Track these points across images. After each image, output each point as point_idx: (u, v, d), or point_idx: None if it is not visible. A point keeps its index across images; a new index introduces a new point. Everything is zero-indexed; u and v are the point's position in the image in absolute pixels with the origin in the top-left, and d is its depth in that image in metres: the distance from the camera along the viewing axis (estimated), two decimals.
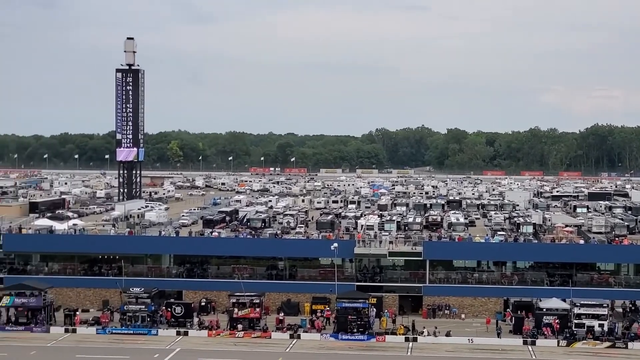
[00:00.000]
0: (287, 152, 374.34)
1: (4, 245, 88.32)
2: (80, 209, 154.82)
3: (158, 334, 75.90)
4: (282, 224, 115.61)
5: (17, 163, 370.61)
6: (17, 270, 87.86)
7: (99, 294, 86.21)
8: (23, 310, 77.57)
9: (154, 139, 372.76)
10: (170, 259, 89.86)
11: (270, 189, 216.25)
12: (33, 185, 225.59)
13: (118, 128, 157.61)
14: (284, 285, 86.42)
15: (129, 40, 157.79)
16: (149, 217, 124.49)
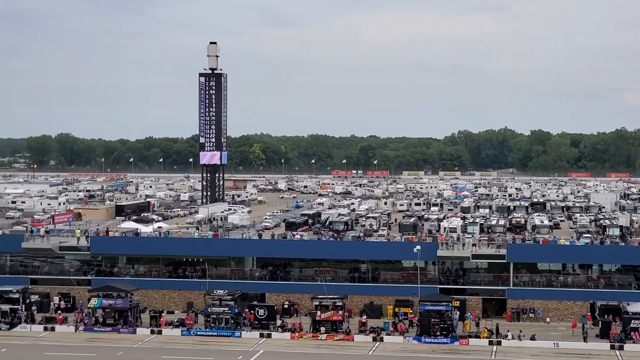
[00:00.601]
0: (370, 155, 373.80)
1: (91, 247, 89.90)
2: (165, 211, 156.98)
3: (241, 336, 76.37)
4: (364, 227, 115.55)
5: (104, 167, 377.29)
6: (104, 272, 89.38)
7: (184, 296, 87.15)
8: (110, 312, 78.82)
9: (236, 142, 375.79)
10: (253, 262, 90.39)
11: (352, 192, 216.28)
12: (119, 189, 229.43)
13: (201, 132, 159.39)
14: (367, 288, 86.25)
15: (212, 45, 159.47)
16: (232, 220, 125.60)
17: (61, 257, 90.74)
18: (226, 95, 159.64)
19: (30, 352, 70.03)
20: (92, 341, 74.76)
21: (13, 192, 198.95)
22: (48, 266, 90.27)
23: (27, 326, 78.80)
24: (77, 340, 74.86)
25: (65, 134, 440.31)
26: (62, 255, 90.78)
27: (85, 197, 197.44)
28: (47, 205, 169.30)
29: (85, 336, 76.58)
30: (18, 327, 78.56)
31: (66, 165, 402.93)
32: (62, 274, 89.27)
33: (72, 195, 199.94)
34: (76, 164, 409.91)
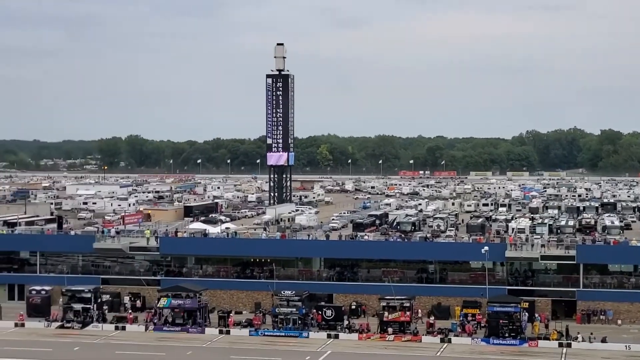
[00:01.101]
0: (437, 155, 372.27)
1: (160, 248, 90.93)
2: (233, 212, 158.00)
3: (309, 337, 76.56)
4: (432, 227, 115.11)
5: (173, 168, 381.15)
6: (174, 273, 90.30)
7: (252, 296, 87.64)
8: (179, 312, 79.60)
9: (303, 143, 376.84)
10: (320, 262, 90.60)
11: (419, 192, 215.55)
12: (187, 190, 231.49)
13: (269, 133, 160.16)
14: (434, 289, 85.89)
15: (279, 46, 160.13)
16: (300, 221, 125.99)
17: (131, 258, 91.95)
18: (293, 97, 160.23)
19: (102, 350, 71.09)
20: (161, 340, 75.62)
21: (85, 194, 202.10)
22: (118, 266, 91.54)
23: (98, 325, 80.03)
24: (147, 340, 75.79)
25: (135, 136, 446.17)
26: (132, 255, 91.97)
27: (154, 198, 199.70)
28: (117, 206, 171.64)
29: (155, 335, 77.49)
30: (90, 326, 79.83)
31: (136, 167, 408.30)
32: (132, 274, 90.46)
33: (141, 196, 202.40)
34: (145, 166, 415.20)
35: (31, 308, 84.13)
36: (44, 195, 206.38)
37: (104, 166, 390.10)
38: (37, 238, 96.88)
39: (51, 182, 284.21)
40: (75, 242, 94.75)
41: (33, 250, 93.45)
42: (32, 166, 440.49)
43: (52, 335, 77.41)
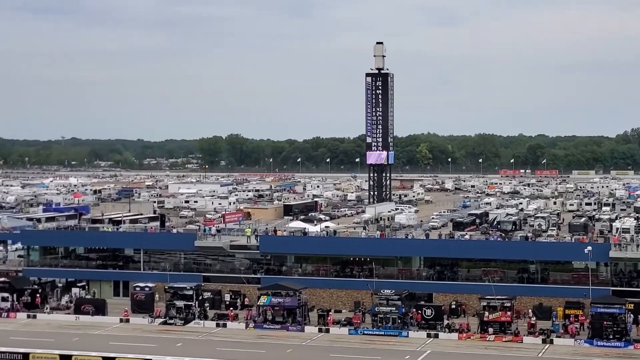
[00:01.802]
0: (538, 154, 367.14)
1: (260, 246, 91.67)
2: (332, 211, 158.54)
3: (408, 336, 76.28)
4: (533, 227, 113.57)
5: (272, 167, 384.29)
6: (273, 271, 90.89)
7: (351, 295, 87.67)
8: (279, 310, 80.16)
9: (403, 141, 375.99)
10: (420, 262, 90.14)
11: (520, 191, 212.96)
12: (287, 189, 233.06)
13: (368, 131, 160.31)
14: (536, 289, 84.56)
15: (378, 45, 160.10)
16: (399, 220, 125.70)
17: (232, 256, 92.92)
18: (393, 95, 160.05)
19: (204, 347, 72.05)
20: (261, 338, 76.26)
21: (186, 192, 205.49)
22: (219, 264, 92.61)
23: (200, 322, 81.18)
24: (248, 337, 76.52)
25: (235, 135, 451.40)
26: (233, 253, 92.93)
27: (254, 197, 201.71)
28: (218, 204, 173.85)
29: (255, 333, 78.22)
30: (192, 323, 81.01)
31: (236, 166, 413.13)
32: (233, 272, 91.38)
33: (241, 195, 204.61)
34: (245, 164, 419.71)
35: (135, 304, 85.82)
36: (147, 193, 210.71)
37: (204, 165, 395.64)
38: (141, 236, 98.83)
39: (154, 181, 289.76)
40: (177, 240, 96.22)
41: (137, 247, 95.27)
42: (136, 165, 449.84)
43: (156, 331, 78.88)
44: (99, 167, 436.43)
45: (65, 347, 69.80)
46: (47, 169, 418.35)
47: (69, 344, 71.68)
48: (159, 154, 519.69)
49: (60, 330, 79.25)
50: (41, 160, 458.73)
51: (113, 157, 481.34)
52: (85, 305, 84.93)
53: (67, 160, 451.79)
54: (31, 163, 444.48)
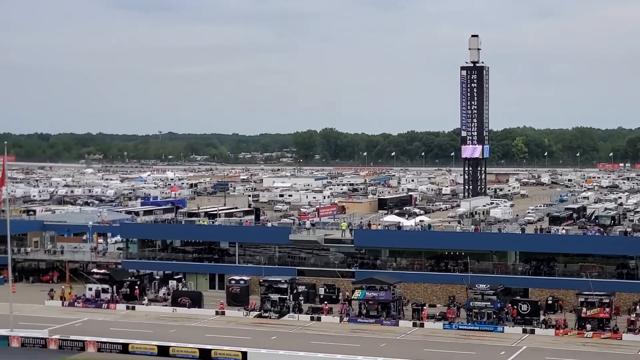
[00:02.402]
0: (638, 147, 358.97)
1: (355, 240, 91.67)
2: (427, 205, 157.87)
3: (504, 331, 75.42)
4: (632, 222, 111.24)
5: (367, 161, 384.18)
6: (368, 265, 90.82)
7: (445, 289, 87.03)
8: (373, 304, 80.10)
9: (498, 135, 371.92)
10: (516, 256, 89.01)
11: (619, 186, 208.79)
12: (381, 182, 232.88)
13: (463, 125, 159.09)
14: (636, 285, 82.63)
15: (473, 38, 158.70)
16: (494, 214, 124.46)
17: (326, 249, 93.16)
18: (488, 89, 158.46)
19: (298, 340, 72.42)
20: (355, 332, 76.33)
21: (281, 186, 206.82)
22: (314, 258, 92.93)
23: (294, 315, 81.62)
24: (342, 331, 76.67)
25: (330, 129, 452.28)
26: (327, 247, 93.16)
27: (348, 191, 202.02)
28: (312, 198, 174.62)
29: (349, 327, 78.31)
30: (286, 316, 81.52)
31: (330, 160, 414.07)
32: (327, 266, 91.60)
33: (336, 188, 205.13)
34: (340, 158, 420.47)
35: (231, 297, 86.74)
36: (242, 187, 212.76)
37: (299, 159, 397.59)
38: (236, 229, 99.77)
39: (249, 174, 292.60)
40: (272, 234, 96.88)
41: (232, 241, 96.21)
42: (232, 159, 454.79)
43: (251, 324, 79.60)
44: (195, 161, 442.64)
45: (163, 338, 70.96)
46: (145, 163, 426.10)
47: (166, 336, 72.86)
48: (254, 148, 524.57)
49: (158, 321, 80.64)
50: (139, 154, 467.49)
51: (209, 151, 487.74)
52: (182, 298, 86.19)
53: (165, 154, 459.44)
54: (130, 157, 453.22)
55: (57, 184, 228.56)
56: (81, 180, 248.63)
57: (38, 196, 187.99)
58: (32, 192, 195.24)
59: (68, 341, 69.67)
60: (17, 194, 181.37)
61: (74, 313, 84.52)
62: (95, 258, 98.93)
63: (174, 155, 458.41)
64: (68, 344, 69.33)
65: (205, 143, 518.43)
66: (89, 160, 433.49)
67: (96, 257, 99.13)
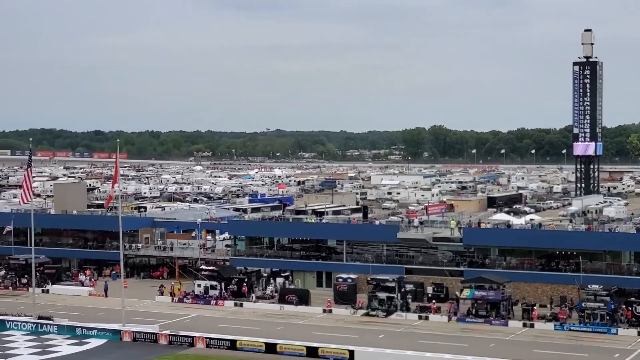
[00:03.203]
0: None
1: (464, 238, 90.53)
2: (537, 203, 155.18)
3: (617, 333, 73.34)
4: None
5: (476, 158, 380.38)
6: (476, 264, 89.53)
7: (556, 289, 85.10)
8: (482, 303, 78.92)
9: (612, 132, 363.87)
10: (630, 256, 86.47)
11: None
12: (491, 181, 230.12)
13: (575, 122, 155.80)
14: None
15: (587, 32, 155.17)
16: (607, 213, 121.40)
17: (434, 248, 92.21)
18: (601, 84, 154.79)
19: (406, 339, 71.77)
20: (464, 331, 75.31)
21: (389, 184, 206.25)
22: (422, 256, 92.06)
23: (402, 314, 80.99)
24: (450, 330, 75.74)
25: (439, 126, 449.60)
26: (436, 245, 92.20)
27: (457, 189, 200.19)
28: (420, 196, 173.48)
29: (457, 326, 77.31)
30: (394, 315, 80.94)
31: (439, 157, 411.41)
32: (436, 265, 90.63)
33: (444, 186, 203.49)
34: (449, 156, 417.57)
35: (338, 295, 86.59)
36: (349, 185, 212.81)
37: (406, 156, 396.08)
38: (344, 227, 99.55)
39: (357, 172, 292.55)
40: (379, 232, 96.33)
41: (340, 239, 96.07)
42: (339, 156, 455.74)
43: (358, 322, 79.30)
44: (303, 159, 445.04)
45: (270, 335, 71.23)
46: (252, 160, 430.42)
47: (273, 333, 73.14)
48: (362, 145, 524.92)
49: (265, 318, 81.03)
50: (247, 151, 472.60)
51: (316, 148, 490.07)
52: (290, 295, 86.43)
53: (272, 151, 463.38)
54: (238, 155, 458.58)
55: (166, 181, 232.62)
56: (190, 178, 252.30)
57: (149, 193, 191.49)
58: (143, 189, 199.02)
59: (178, 336, 70.53)
60: (128, 191, 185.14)
61: (183, 309, 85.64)
62: (203, 255, 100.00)
63: (281, 153, 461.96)
64: (178, 340, 70.17)
65: (313, 140, 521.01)
66: (197, 157, 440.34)
67: (205, 254, 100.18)
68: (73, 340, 71.87)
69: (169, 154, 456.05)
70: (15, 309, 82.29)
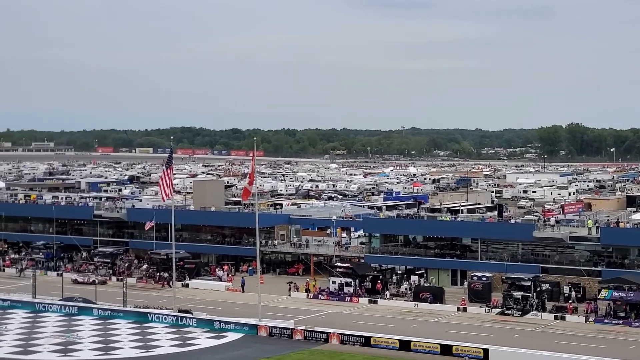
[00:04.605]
0: None
1: (602, 238, 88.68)
2: None
3: None
4: None
5: (615, 157, 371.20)
6: (615, 264, 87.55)
7: None
8: (621, 304, 77.32)
9: None
10: None
11: None
12: (630, 179, 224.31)
13: None
14: None
15: None
16: None
17: (571, 247, 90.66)
18: None
19: (541, 339, 70.97)
20: (602, 333, 73.92)
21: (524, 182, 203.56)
22: (558, 255, 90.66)
23: (538, 314, 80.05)
24: (587, 331, 74.46)
25: (576, 124, 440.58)
26: (572, 245, 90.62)
27: (595, 188, 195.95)
28: (557, 195, 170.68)
29: (595, 327, 75.94)
30: (529, 315, 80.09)
31: (576, 155, 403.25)
32: (572, 264, 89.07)
33: (582, 185, 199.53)
34: (586, 154, 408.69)
35: (472, 293, 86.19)
36: (484, 183, 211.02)
37: (542, 154, 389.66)
38: (478, 225, 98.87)
39: (492, 170, 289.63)
40: (515, 230, 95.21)
41: (474, 237, 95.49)
42: (474, 155, 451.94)
43: (493, 321, 78.81)
44: (438, 157, 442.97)
45: (404, 332, 71.47)
46: (387, 158, 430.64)
47: (407, 330, 73.36)
48: (497, 144, 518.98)
49: (399, 316, 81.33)
50: (382, 149, 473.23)
51: (451, 146, 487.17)
52: (424, 293, 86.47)
53: (407, 149, 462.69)
54: (373, 152, 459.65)
55: (302, 179, 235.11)
56: (325, 175, 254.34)
57: (284, 190, 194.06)
58: (279, 186, 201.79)
59: (313, 332, 71.47)
60: (265, 188, 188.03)
61: (318, 305, 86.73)
62: (338, 252, 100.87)
63: (416, 151, 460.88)
64: (313, 335, 71.12)
65: (448, 138, 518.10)
66: (333, 155, 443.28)
67: (339, 251, 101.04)
68: (211, 333, 73.74)
69: (304, 152, 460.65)
70: (156, 302, 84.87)
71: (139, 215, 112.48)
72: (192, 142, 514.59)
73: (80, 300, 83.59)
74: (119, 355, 67.43)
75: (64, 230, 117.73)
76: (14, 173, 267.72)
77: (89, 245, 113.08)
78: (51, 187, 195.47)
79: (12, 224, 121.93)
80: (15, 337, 72.96)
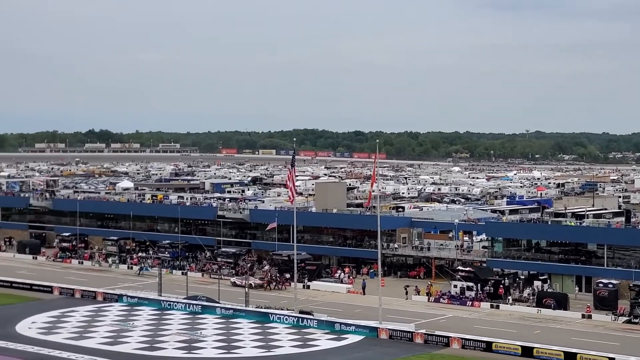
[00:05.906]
0: None
1: None
2: None
3: None
4: None
5: None
6: None
7: None
8: None
9: None
10: None
11: None
12: None
13: None
14: None
15: None
16: None
17: None
18: None
19: None
20: None
21: None
22: None
23: None
24: None
25: None
26: None
27: None
28: None
29: None
30: None
31: None
32: None
33: None
34: None
35: (598, 300, 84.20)
36: (611, 188, 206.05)
37: None
38: (605, 231, 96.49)
39: (619, 175, 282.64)
40: None
41: (600, 242, 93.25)
42: (601, 159, 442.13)
43: (619, 330, 76.78)
44: (563, 161, 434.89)
45: (526, 339, 70.30)
46: (511, 162, 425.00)
47: (530, 336, 72.11)
48: (625, 148, 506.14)
49: (521, 322, 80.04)
50: (505, 153, 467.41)
51: (577, 150, 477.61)
52: (547, 299, 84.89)
53: (531, 153, 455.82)
54: (496, 156, 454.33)
55: (424, 182, 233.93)
56: (448, 178, 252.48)
57: (407, 193, 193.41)
58: (401, 189, 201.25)
59: (433, 336, 71.02)
60: (387, 191, 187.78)
61: (439, 309, 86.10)
62: (460, 256, 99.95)
63: (540, 154, 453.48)
64: (433, 339, 70.66)
65: (574, 142, 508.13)
66: (455, 158, 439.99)
67: (461, 255, 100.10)
68: (331, 335, 73.99)
69: (427, 155, 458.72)
70: (278, 303, 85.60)
71: (261, 217, 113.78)
72: (315, 144, 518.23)
73: (204, 300, 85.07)
74: (240, 354, 68.34)
75: (189, 230, 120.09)
76: (142, 173, 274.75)
77: (212, 245, 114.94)
78: (177, 187, 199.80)
79: (140, 223, 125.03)
80: (142, 333, 74.80)
